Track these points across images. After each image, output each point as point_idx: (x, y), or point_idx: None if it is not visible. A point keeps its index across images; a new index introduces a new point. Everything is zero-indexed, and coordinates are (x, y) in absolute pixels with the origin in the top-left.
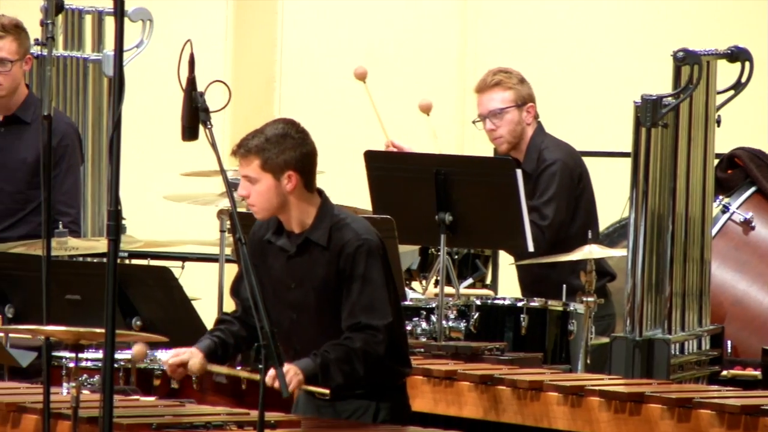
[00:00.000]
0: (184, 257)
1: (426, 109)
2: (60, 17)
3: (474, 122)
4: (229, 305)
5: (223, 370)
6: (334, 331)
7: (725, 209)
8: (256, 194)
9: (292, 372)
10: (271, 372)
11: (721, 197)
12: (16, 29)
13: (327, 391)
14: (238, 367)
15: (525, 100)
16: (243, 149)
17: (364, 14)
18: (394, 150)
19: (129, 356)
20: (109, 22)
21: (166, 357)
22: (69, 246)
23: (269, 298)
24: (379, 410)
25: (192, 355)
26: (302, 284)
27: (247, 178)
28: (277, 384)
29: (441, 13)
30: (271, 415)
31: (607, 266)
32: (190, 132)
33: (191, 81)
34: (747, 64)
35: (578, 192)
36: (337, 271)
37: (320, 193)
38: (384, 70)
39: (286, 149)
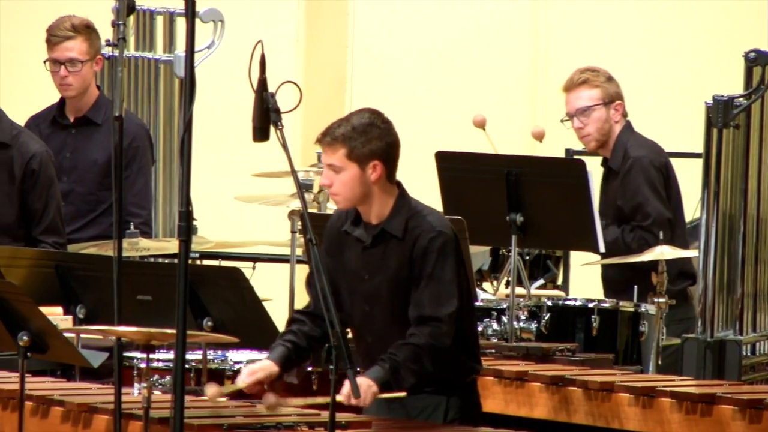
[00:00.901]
0: (255, 258)
1: (480, 124)
2: (131, 18)
3: (562, 121)
4: (299, 306)
5: (299, 402)
6: (405, 324)
7: None
8: (340, 183)
9: (365, 386)
10: (345, 390)
11: None
12: (87, 30)
13: (404, 394)
14: (309, 369)
15: (612, 98)
16: (329, 137)
17: (435, 15)
18: None
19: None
20: (181, 23)
21: (242, 377)
22: (140, 247)
23: (344, 289)
24: (450, 407)
25: (267, 370)
26: (376, 276)
27: (332, 167)
28: (353, 402)
29: (512, 14)
30: (342, 416)
31: (691, 268)
32: (261, 133)
33: (262, 82)
34: None
35: (666, 189)
36: (410, 262)
37: (398, 185)
38: (455, 70)
39: (372, 139)
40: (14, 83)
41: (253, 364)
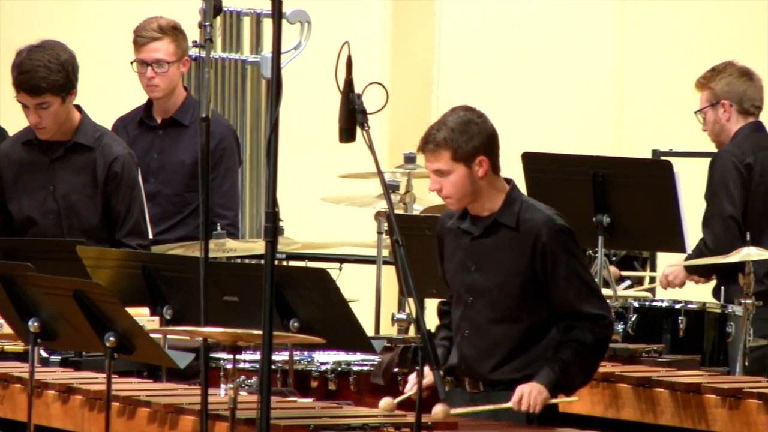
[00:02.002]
0: (341, 259)
1: None
2: (218, 19)
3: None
4: (386, 307)
5: (468, 410)
6: (506, 318)
7: None
8: (451, 186)
9: (535, 392)
10: (515, 397)
11: None
12: (174, 31)
13: (575, 398)
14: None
15: (718, 98)
16: (431, 144)
17: (521, 15)
18: None
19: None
20: (268, 24)
21: (411, 385)
22: (227, 248)
23: (452, 279)
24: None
25: (433, 375)
26: (483, 267)
27: (438, 172)
28: (524, 408)
29: (598, 12)
30: (428, 417)
31: None
32: (347, 134)
33: (349, 83)
34: None
35: (749, 184)
36: (531, 254)
37: (508, 181)
38: (541, 70)
39: (473, 135)
40: (102, 85)
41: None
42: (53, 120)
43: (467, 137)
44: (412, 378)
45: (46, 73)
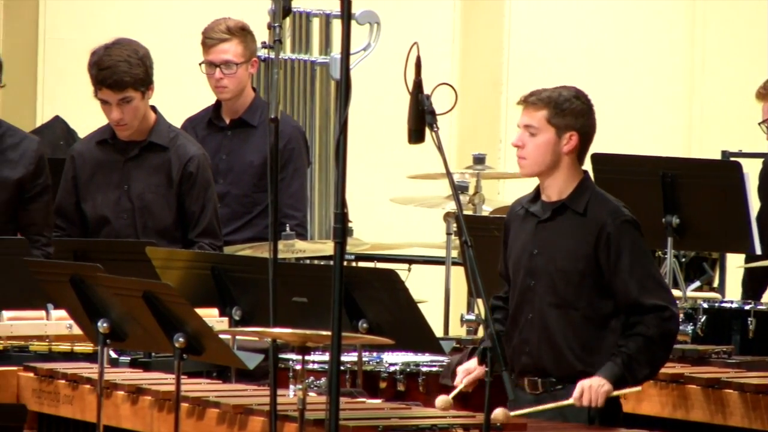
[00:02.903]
0: (410, 260)
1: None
2: (287, 20)
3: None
4: (455, 308)
5: (528, 411)
6: (564, 303)
7: None
8: (534, 146)
9: (596, 386)
10: (576, 393)
11: None
12: (242, 32)
13: (638, 389)
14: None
15: None
16: (535, 97)
17: (591, 15)
18: None
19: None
20: (337, 25)
21: (459, 378)
22: (296, 248)
23: (510, 265)
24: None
25: (482, 369)
26: (546, 251)
27: (529, 128)
28: (585, 403)
29: (668, 14)
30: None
31: None
32: (416, 135)
33: (418, 84)
34: None
35: None
36: (596, 244)
37: (584, 171)
38: (610, 70)
39: (576, 111)
40: (171, 86)
41: (467, 364)
42: (134, 115)
43: (570, 109)
44: (461, 370)
45: (128, 67)
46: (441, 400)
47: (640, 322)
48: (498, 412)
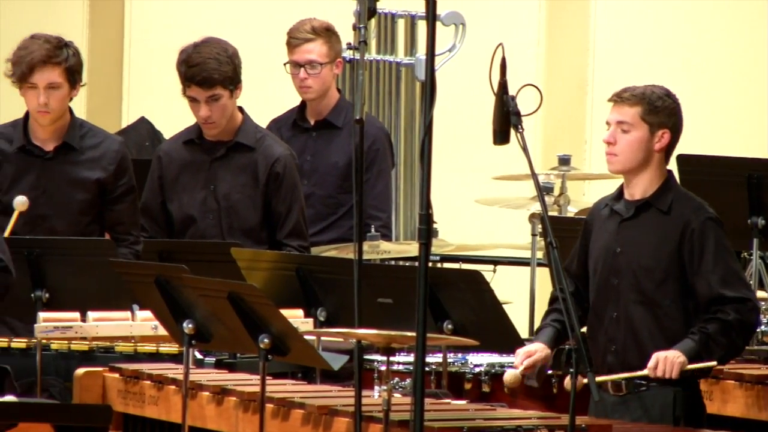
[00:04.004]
0: (495, 261)
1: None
2: (373, 21)
3: None
4: (540, 309)
5: (603, 378)
6: (651, 301)
7: None
8: (626, 143)
9: (671, 357)
10: (651, 363)
11: None
12: (327, 32)
13: (713, 363)
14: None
15: None
16: (629, 93)
17: (676, 16)
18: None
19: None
20: (422, 26)
21: (519, 359)
22: (381, 249)
23: (591, 263)
24: (677, 401)
25: (542, 352)
26: (629, 250)
27: (621, 125)
28: (659, 374)
29: (752, 15)
30: (582, 419)
31: None
32: (501, 136)
33: (503, 85)
34: None
35: None
36: (680, 242)
37: (668, 171)
38: (695, 71)
39: (668, 109)
40: (257, 87)
41: (528, 346)
42: (222, 113)
43: (663, 106)
44: (522, 352)
45: (217, 65)
46: (509, 374)
47: (721, 309)
48: (509, 376)
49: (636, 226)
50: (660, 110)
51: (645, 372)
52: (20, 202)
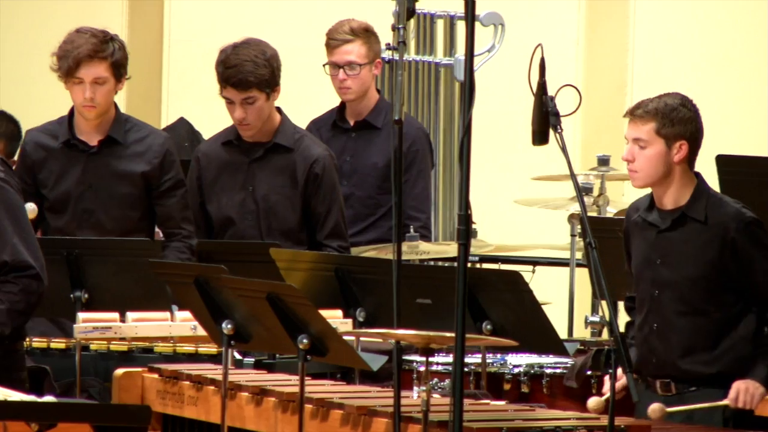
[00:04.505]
0: (534, 261)
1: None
2: (412, 22)
3: None
4: (579, 309)
5: (682, 408)
6: (693, 311)
7: None
8: (644, 159)
9: (752, 388)
10: (731, 395)
11: None
12: (366, 33)
13: None
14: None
15: None
16: (641, 110)
17: (716, 17)
18: None
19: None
20: (461, 27)
21: (607, 389)
22: (420, 250)
23: (635, 273)
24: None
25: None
26: (669, 260)
27: (638, 142)
28: (740, 404)
29: None
30: (621, 420)
31: None
32: (540, 136)
33: (542, 85)
34: None
35: None
36: (721, 249)
37: (697, 174)
38: (735, 73)
39: (683, 119)
40: (296, 87)
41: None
42: (258, 116)
43: (677, 118)
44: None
45: (253, 67)
46: (593, 401)
47: None
48: (655, 407)
49: (674, 237)
50: (675, 122)
51: (726, 402)
52: (29, 209)
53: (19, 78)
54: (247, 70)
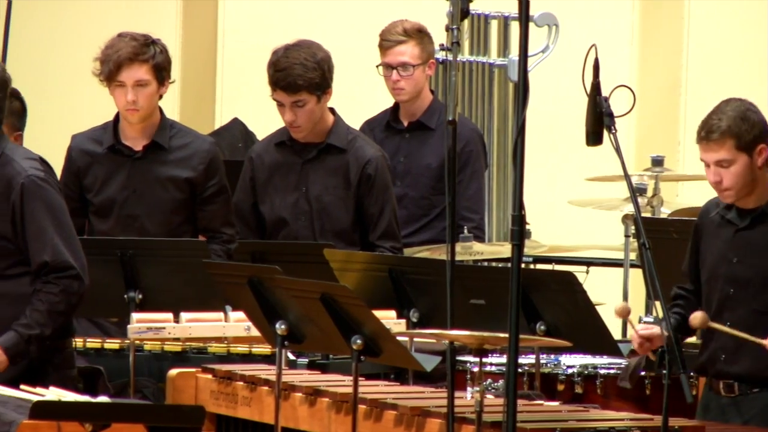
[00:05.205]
0: (588, 262)
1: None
2: (466, 22)
3: None
4: (633, 310)
5: (724, 329)
6: None
7: None
8: (732, 176)
9: None
10: None
11: None
12: (419, 34)
13: None
14: (641, 373)
15: None
16: (716, 134)
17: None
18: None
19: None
20: (515, 27)
21: (638, 329)
22: (474, 251)
23: (704, 272)
24: None
25: (658, 333)
26: (746, 259)
27: (720, 163)
28: None
29: None
30: (675, 421)
31: None
32: (594, 137)
33: (596, 86)
34: None
35: None
36: None
37: None
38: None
39: (754, 124)
40: (350, 88)
41: (648, 326)
42: (308, 118)
43: (749, 125)
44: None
45: (303, 70)
46: (620, 305)
47: None
48: (698, 315)
49: (753, 236)
50: (749, 131)
51: (766, 342)
52: None
53: (72, 81)
54: (297, 74)
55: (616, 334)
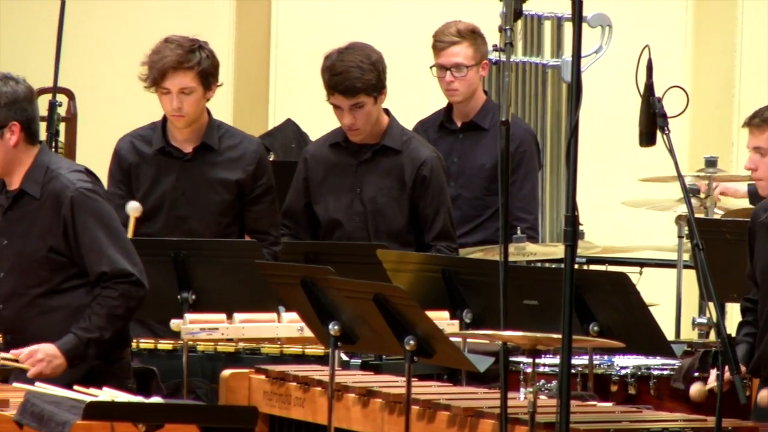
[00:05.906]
0: (641, 263)
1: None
2: (519, 23)
3: None
4: (686, 311)
5: None
6: None
7: None
8: (767, 166)
9: None
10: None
11: None
12: (472, 35)
13: None
14: (694, 374)
15: None
16: (758, 119)
17: None
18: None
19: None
20: (568, 28)
21: (711, 379)
22: (527, 251)
23: (762, 273)
24: None
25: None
26: None
27: (759, 150)
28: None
29: None
30: (728, 422)
31: None
32: (647, 138)
33: (649, 86)
34: None
35: None
36: None
37: None
38: None
39: None
40: (403, 89)
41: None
42: (366, 120)
43: None
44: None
45: (360, 73)
46: (696, 389)
47: None
48: (764, 394)
49: None
50: None
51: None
52: (133, 207)
53: (126, 83)
54: (354, 76)
55: (670, 335)
